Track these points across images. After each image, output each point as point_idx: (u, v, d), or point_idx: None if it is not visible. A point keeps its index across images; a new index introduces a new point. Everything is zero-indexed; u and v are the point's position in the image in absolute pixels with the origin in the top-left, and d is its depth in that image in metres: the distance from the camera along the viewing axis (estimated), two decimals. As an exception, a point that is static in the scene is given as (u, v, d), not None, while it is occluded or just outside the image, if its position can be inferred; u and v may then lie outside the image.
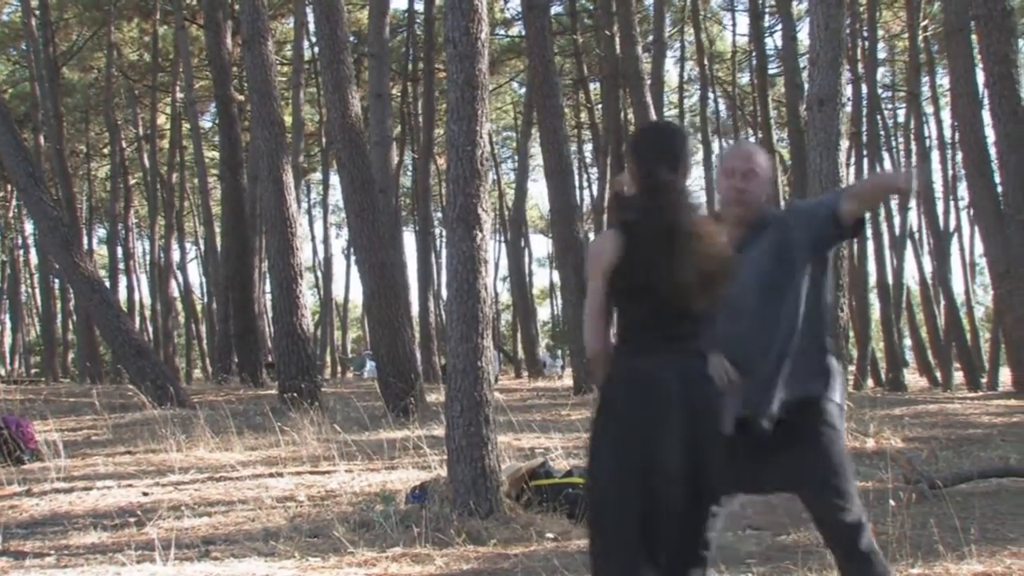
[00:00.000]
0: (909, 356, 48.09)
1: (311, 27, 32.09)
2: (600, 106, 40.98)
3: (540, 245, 74.83)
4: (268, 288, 26.92)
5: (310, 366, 17.85)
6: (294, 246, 17.85)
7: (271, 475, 10.81)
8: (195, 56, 36.82)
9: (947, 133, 41.01)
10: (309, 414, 14.05)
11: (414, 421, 14.78)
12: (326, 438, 12.82)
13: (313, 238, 55.37)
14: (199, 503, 9.46)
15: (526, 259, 48.88)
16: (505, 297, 62.95)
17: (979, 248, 31.60)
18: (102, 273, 38.65)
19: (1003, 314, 21.90)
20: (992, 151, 14.63)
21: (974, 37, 15.12)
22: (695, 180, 38.72)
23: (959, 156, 29.48)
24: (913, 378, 39.01)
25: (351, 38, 31.58)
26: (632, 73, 26.21)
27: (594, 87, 42.76)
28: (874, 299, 36.22)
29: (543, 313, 66.06)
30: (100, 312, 18.98)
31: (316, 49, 27.31)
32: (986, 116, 14.71)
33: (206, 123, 45.37)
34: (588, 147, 49.33)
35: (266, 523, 8.52)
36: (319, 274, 52.42)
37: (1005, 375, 29.14)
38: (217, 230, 36.32)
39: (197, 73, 37.33)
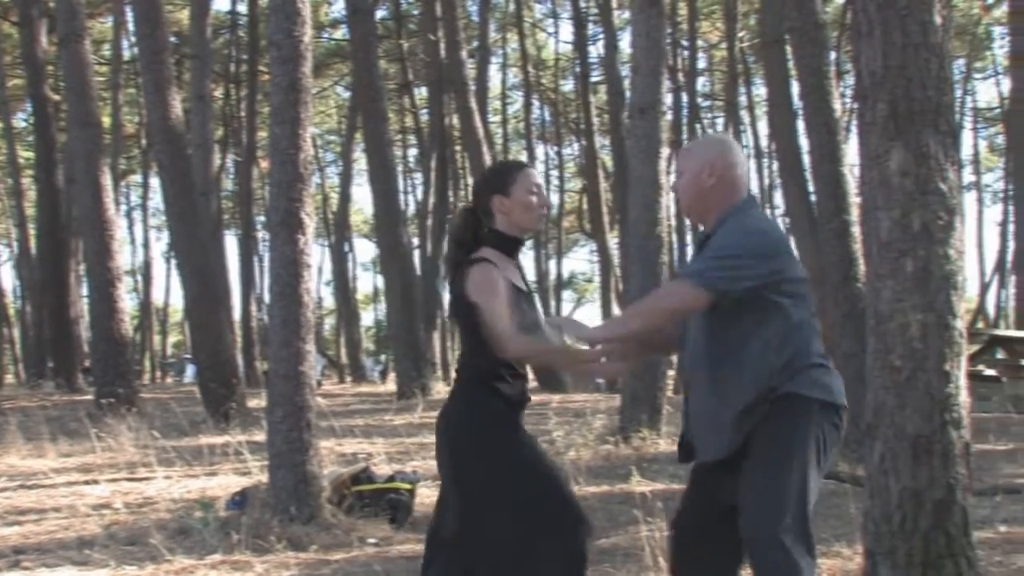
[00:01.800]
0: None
1: (131, 27, 31.54)
2: (425, 111, 41.00)
3: (364, 250, 74.77)
4: (85, 292, 26.32)
5: (128, 371, 17.53)
6: (112, 249, 17.51)
7: (86, 482, 10.57)
8: (8, 53, 35.75)
9: (763, 142, 42.01)
10: (127, 420, 13.78)
11: (235, 426, 14.60)
12: (144, 444, 12.58)
13: (132, 241, 54.22)
14: (9, 512, 9.20)
15: (350, 264, 48.65)
16: (329, 302, 62.51)
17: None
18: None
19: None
20: (806, 160, 15.03)
21: (789, 49, 15.54)
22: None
23: (775, 165, 30.27)
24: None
25: (172, 39, 31.03)
26: (457, 78, 26.31)
27: (419, 92, 42.75)
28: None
29: (367, 318, 65.82)
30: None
31: (136, 49, 26.84)
32: (800, 126, 15.14)
33: (19, 122, 44.05)
34: (413, 152, 49.28)
35: (80, 531, 8.31)
36: (138, 278, 51.39)
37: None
38: (32, 232, 35.35)
39: (10, 71, 36.19)
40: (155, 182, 37.24)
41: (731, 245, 4.13)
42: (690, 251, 34.75)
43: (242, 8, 38.13)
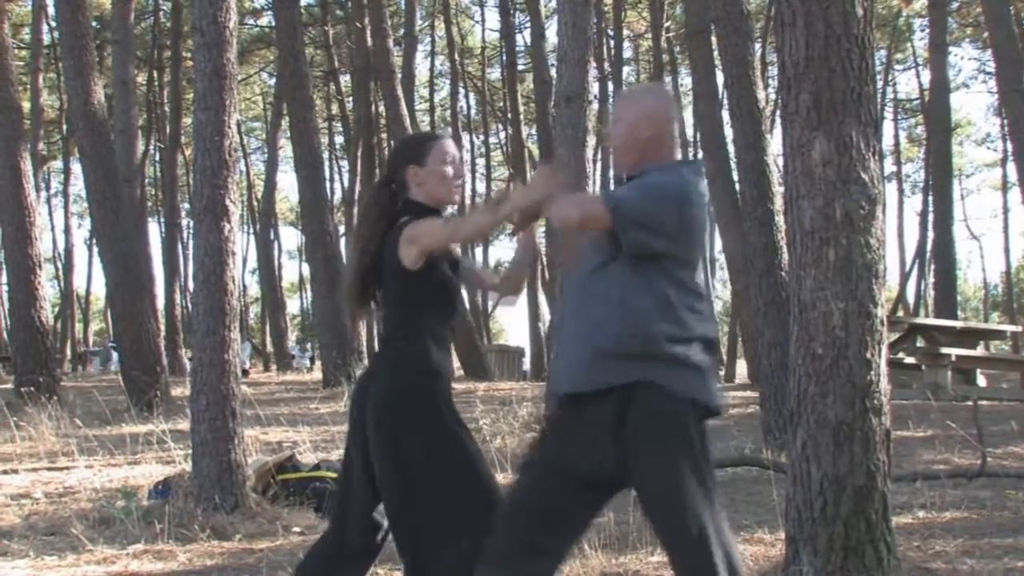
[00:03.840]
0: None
1: (51, 10, 31.09)
2: (351, 98, 40.82)
3: (290, 237, 73.94)
4: (4, 279, 25.96)
5: (49, 359, 17.32)
6: (32, 236, 17.29)
7: (5, 472, 10.45)
8: (-75, 37, 35.15)
9: (689, 131, 42.22)
10: (47, 408, 13.61)
11: (158, 415, 14.50)
12: (65, 433, 12.44)
13: (53, 228, 53.54)
14: (-73, 502, 9.08)
15: (276, 251, 48.32)
16: (254, 290, 62.17)
17: (719, 243, 32.86)
18: None
19: (740, 308, 22.72)
20: (731, 149, 15.14)
21: (714, 39, 15.64)
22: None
23: (700, 154, 30.45)
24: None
25: (94, 23, 30.64)
26: (383, 66, 26.19)
27: (345, 79, 42.55)
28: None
29: (293, 306, 65.39)
30: None
31: (56, 33, 26.47)
32: (725, 116, 15.26)
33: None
34: (339, 139, 49.05)
35: None
36: (59, 265, 50.74)
37: (742, 367, 30.20)
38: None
39: (-74, 55, 35.62)
40: (77, 168, 36.76)
41: (655, 189, 3.97)
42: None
43: (166, -8, 37.76)
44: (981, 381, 18.48)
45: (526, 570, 3.99)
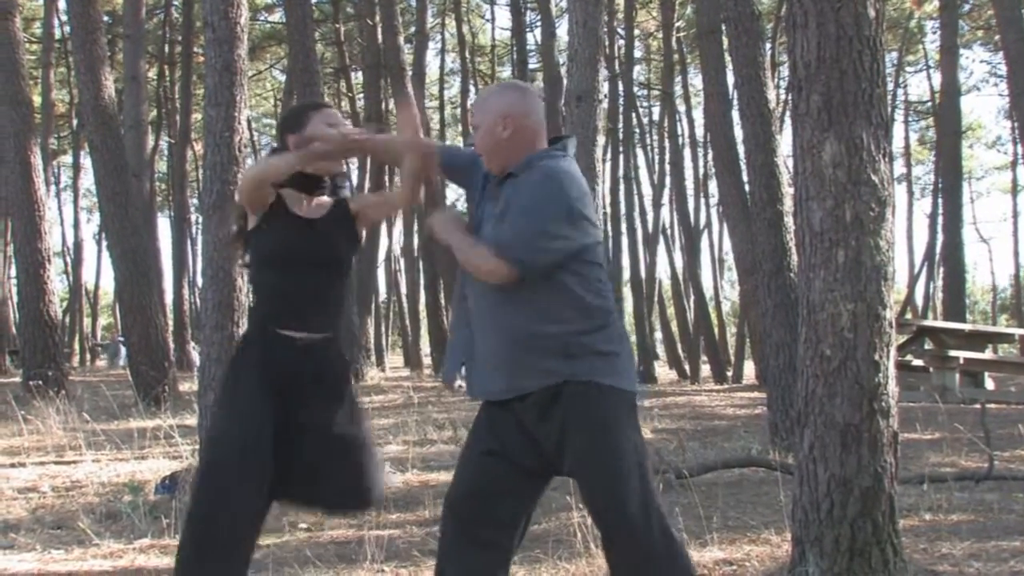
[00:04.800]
0: (660, 349, 49.39)
1: (62, 5, 31.14)
2: (362, 95, 40.84)
3: (299, 234, 73.95)
4: (14, 273, 26.02)
5: (57, 353, 17.37)
6: (42, 230, 17.33)
7: (12, 465, 10.45)
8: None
9: (699, 132, 42.21)
10: (55, 403, 13.63)
11: (166, 410, 14.52)
12: (73, 427, 12.46)
13: (63, 222, 53.68)
14: (-65, 495, 9.09)
15: (284, 247, 48.31)
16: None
17: (728, 244, 32.77)
18: None
19: (748, 309, 22.71)
20: (740, 150, 15.14)
21: (725, 39, 15.64)
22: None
23: (710, 154, 30.45)
24: (663, 371, 40.00)
25: (105, 18, 30.69)
26: (394, 63, 26.21)
27: (356, 76, 42.57)
28: (628, 294, 37.00)
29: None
30: None
31: (68, 28, 26.50)
32: (735, 116, 15.23)
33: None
34: (349, 136, 48.97)
35: (6, 515, 8.22)
36: (68, 259, 50.81)
37: (750, 368, 30.18)
38: (-41, 212, 34.87)
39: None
40: (87, 163, 36.85)
41: (537, 210, 4.01)
42: (625, 242, 34.93)
43: (177, -12, 37.82)
44: (989, 384, 18.45)
45: (479, 560, 4.13)
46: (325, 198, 4.67)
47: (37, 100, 29.47)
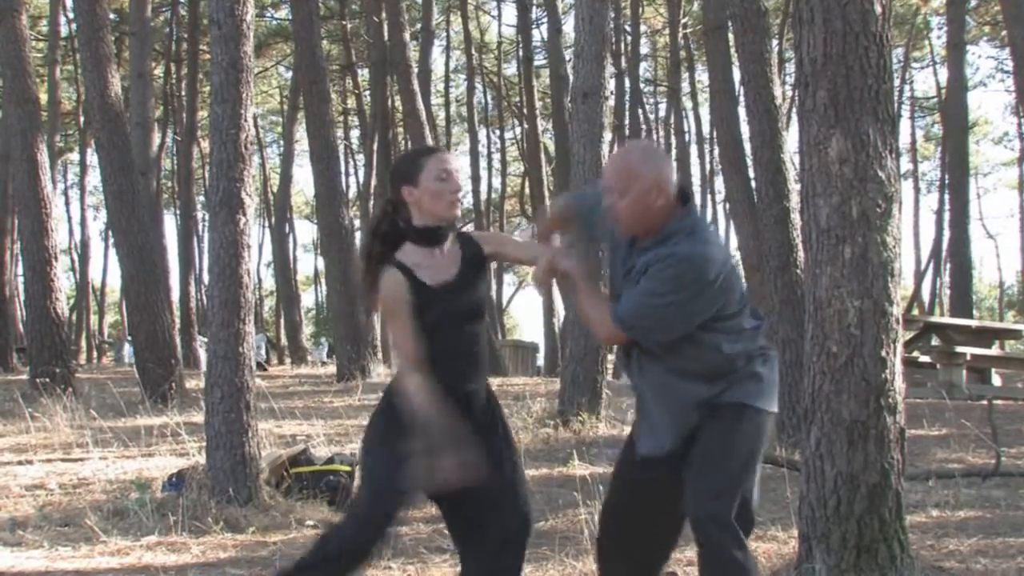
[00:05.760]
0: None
1: (68, 2, 31.17)
2: (368, 92, 40.83)
3: (305, 231, 73.97)
4: (20, 270, 26.03)
5: (64, 351, 17.35)
6: (48, 227, 17.32)
7: (20, 463, 10.47)
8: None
9: (705, 128, 42.21)
10: (62, 400, 13.64)
11: (173, 407, 14.51)
12: (80, 424, 12.46)
13: (69, 219, 53.57)
14: (-58, 492, 9.10)
15: (291, 245, 48.41)
16: (269, 283, 62.17)
17: (734, 241, 32.73)
18: None
19: (755, 305, 22.67)
20: (747, 146, 15.11)
21: (731, 36, 15.61)
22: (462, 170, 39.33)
23: (716, 151, 30.42)
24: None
25: (112, 15, 30.71)
26: (400, 61, 26.15)
27: (362, 73, 42.54)
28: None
29: (307, 300, 65.43)
30: None
31: (74, 25, 26.52)
32: (742, 112, 15.21)
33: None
34: (355, 133, 49.03)
35: (13, 512, 8.23)
36: (75, 256, 50.84)
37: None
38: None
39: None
40: (93, 160, 36.83)
41: (665, 288, 4.11)
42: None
43: (183, -15, 37.79)
44: (996, 380, 18.42)
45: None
46: (447, 245, 4.53)
47: (43, 98, 29.38)
